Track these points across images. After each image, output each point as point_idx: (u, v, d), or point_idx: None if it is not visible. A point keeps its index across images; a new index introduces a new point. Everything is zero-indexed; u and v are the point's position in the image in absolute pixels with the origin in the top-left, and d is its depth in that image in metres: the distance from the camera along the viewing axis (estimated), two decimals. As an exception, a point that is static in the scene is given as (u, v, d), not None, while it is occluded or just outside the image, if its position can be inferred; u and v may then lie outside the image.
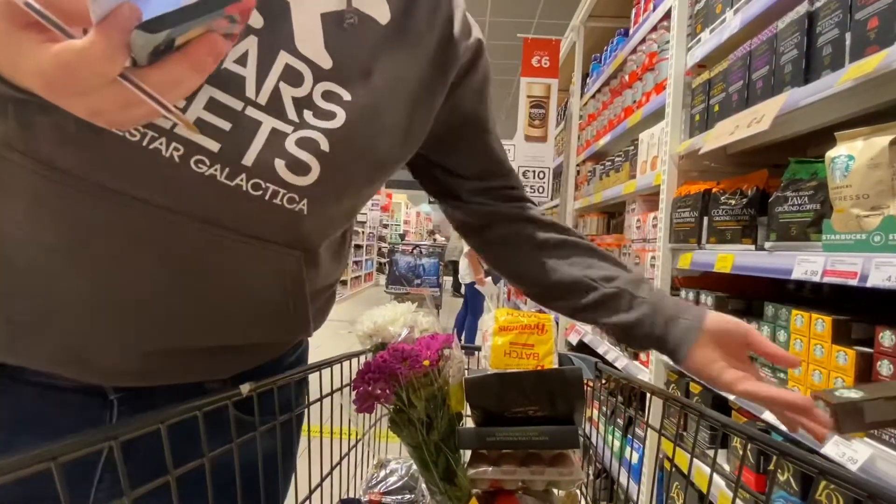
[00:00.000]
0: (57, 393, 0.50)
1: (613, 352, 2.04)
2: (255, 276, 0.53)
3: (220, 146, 0.46)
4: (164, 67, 0.30)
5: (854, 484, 0.31)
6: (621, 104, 2.29)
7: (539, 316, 0.86)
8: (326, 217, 0.56)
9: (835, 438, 0.86)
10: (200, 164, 0.46)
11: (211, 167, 0.46)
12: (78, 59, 0.27)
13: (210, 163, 0.46)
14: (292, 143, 0.49)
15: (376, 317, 0.77)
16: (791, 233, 1.05)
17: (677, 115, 1.58)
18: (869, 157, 0.85)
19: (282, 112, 0.49)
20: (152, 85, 0.30)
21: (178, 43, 0.30)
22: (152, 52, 0.30)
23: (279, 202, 0.49)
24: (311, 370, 0.60)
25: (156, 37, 0.28)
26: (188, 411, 0.42)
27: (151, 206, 0.45)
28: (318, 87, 0.49)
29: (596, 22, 2.92)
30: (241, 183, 0.47)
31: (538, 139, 3.26)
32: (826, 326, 0.93)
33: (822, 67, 1.01)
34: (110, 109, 0.32)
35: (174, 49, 0.30)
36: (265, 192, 0.48)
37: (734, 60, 1.31)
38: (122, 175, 0.44)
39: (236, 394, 0.44)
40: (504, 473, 0.69)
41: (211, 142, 0.46)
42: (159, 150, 0.44)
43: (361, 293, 10.97)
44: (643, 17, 2.06)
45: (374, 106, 0.52)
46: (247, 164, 0.47)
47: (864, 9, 0.89)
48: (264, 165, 0.48)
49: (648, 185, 1.77)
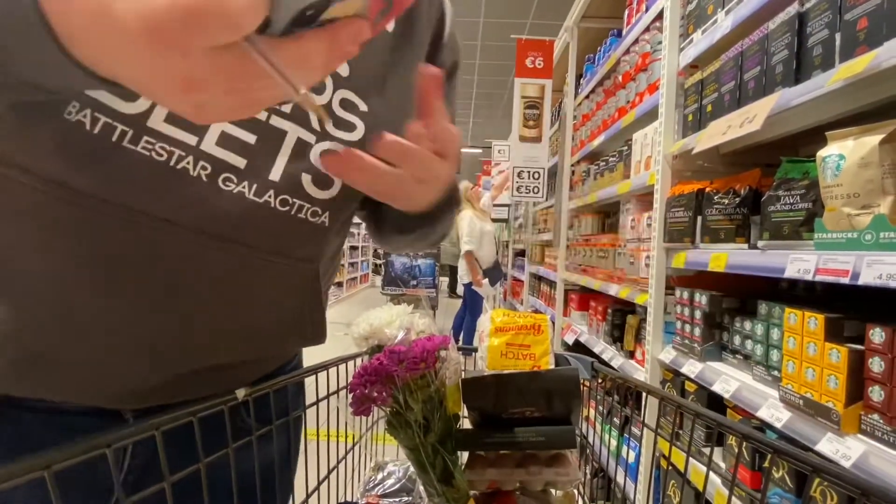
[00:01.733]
0: (63, 417, 0.47)
1: (609, 351, 2.04)
2: (277, 291, 0.52)
3: (245, 162, 0.45)
4: (302, 42, 0.25)
5: (848, 482, 0.31)
6: (615, 104, 2.30)
7: (535, 316, 0.86)
8: (341, 225, 0.56)
9: (828, 435, 0.87)
10: (228, 182, 0.44)
11: (239, 185, 0.45)
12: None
13: (238, 180, 0.45)
14: (316, 155, 0.48)
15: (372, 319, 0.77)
16: (783, 232, 1.06)
17: (670, 116, 1.59)
18: (859, 157, 0.86)
19: (305, 120, 0.48)
20: (282, 60, 0.25)
21: (324, 17, 0.25)
22: (295, 18, 0.24)
23: (304, 216, 0.49)
24: (307, 373, 0.60)
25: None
26: (183, 417, 0.42)
27: (179, 228, 0.43)
28: (337, 94, 0.49)
29: (589, 23, 2.93)
30: (269, 199, 0.46)
31: (533, 140, 3.27)
32: (819, 324, 0.94)
33: (813, 68, 1.02)
34: (213, 87, 0.25)
35: (316, 24, 0.25)
36: (292, 207, 0.48)
37: (726, 61, 1.32)
38: (148, 196, 0.42)
39: (232, 398, 0.44)
40: (502, 474, 0.69)
41: (237, 158, 0.44)
42: (187, 169, 0.43)
43: (357, 294, 10.95)
44: (636, 17, 2.07)
45: (390, 120, 0.51)
46: (274, 180, 0.46)
47: (854, 10, 0.90)
48: (292, 180, 0.47)
49: (642, 184, 1.78)
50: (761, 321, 1.15)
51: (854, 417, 0.86)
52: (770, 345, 1.12)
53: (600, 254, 2.29)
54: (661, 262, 1.57)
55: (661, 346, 1.59)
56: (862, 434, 0.85)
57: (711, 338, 1.35)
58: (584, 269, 2.53)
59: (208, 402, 0.45)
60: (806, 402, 0.94)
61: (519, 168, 3.27)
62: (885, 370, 0.81)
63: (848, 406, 0.86)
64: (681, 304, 1.47)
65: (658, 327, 1.59)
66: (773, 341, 1.11)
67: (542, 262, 3.79)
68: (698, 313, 1.38)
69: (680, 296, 1.47)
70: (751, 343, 1.20)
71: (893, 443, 0.78)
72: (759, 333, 1.15)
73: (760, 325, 1.15)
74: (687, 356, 1.41)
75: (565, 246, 2.99)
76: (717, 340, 1.35)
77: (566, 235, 3.00)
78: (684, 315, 1.45)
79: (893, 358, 0.80)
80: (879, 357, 0.82)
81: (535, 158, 3.28)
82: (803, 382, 0.96)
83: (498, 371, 0.72)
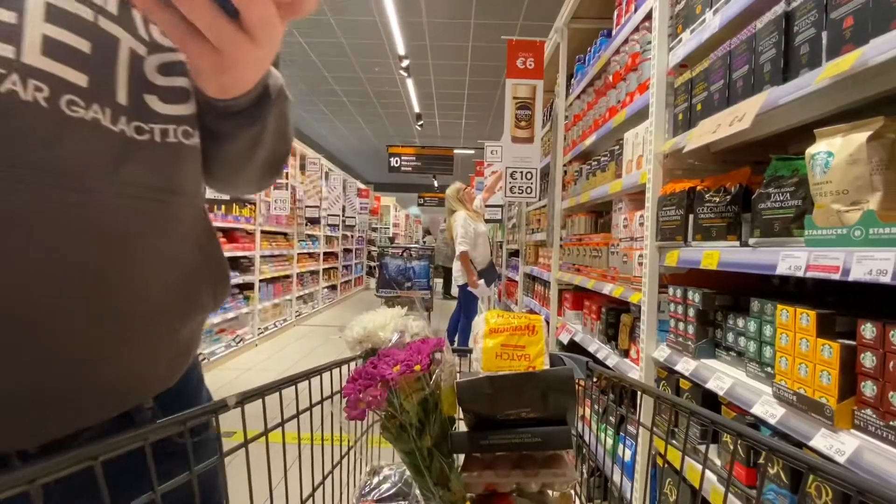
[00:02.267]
0: None
1: (604, 350, 2.05)
2: (173, 241, 0.44)
3: (87, 78, 0.36)
4: None
5: (844, 480, 0.31)
6: (606, 104, 2.31)
7: (530, 317, 0.86)
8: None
9: (822, 431, 0.88)
10: (74, 107, 0.35)
11: (88, 109, 0.36)
12: None
13: (85, 103, 0.35)
14: (154, 69, 0.40)
15: (366, 322, 0.76)
16: (774, 229, 1.06)
17: (661, 115, 1.60)
18: (848, 154, 0.87)
19: (132, 26, 0.39)
20: None
21: None
22: None
23: (174, 139, 0.41)
24: (300, 379, 0.59)
25: None
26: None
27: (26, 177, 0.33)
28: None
29: (579, 23, 2.94)
30: (124, 128, 0.38)
31: (525, 140, 3.28)
32: (811, 320, 0.95)
33: (801, 66, 1.02)
34: None
35: None
36: (153, 133, 0.40)
37: (715, 60, 1.33)
38: None
39: (222, 405, 0.43)
40: (498, 476, 0.69)
41: (75, 74, 0.35)
42: (14, 92, 0.33)
43: (351, 297, 10.92)
44: (625, 18, 2.08)
45: None
46: (122, 103, 0.38)
47: (839, 8, 0.91)
48: (139, 102, 0.39)
49: (634, 183, 1.78)
50: (754, 318, 1.16)
51: (847, 413, 0.86)
52: (763, 341, 1.13)
53: (593, 253, 2.30)
54: (654, 261, 1.58)
55: (656, 345, 1.59)
56: (855, 429, 0.85)
57: (705, 335, 1.36)
58: (578, 269, 2.54)
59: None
60: (799, 399, 0.95)
61: (511, 168, 3.28)
62: (877, 365, 0.82)
63: (841, 401, 0.87)
64: (674, 302, 1.47)
65: (652, 325, 1.60)
66: (766, 338, 1.12)
67: (535, 262, 3.80)
68: (691, 311, 1.38)
69: (673, 294, 1.48)
70: (744, 340, 1.20)
71: (887, 437, 0.79)
72: (752, 330, 1.16)
73: (753, 322, 1.16)
74: (681, 354, 1.41)
75: (559, 246, 3.00)
76: (710, 338, 1.36)
77: (559, 235, 3.01)
78: (678, 313, 1.45)
79: (885, 353, 0.81)
80: (871, 352, 0.83)
81: (528, 159, 3.28)
82: (796, 378, 0.97)
83: (493, 372, 0.71)
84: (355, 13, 6.47)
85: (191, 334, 0.53)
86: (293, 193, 6.70)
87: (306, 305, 7.80)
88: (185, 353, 0.53)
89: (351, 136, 13.81)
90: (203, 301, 0.52)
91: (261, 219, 5.78)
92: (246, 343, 5.40)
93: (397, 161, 10.13)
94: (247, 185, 0.65)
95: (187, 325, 0.50)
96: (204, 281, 0.51)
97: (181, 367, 0.53)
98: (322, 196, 7.87)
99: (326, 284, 8.99)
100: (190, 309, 0.50)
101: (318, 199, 7.42)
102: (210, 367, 4.58)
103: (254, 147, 0.53)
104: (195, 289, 0.50)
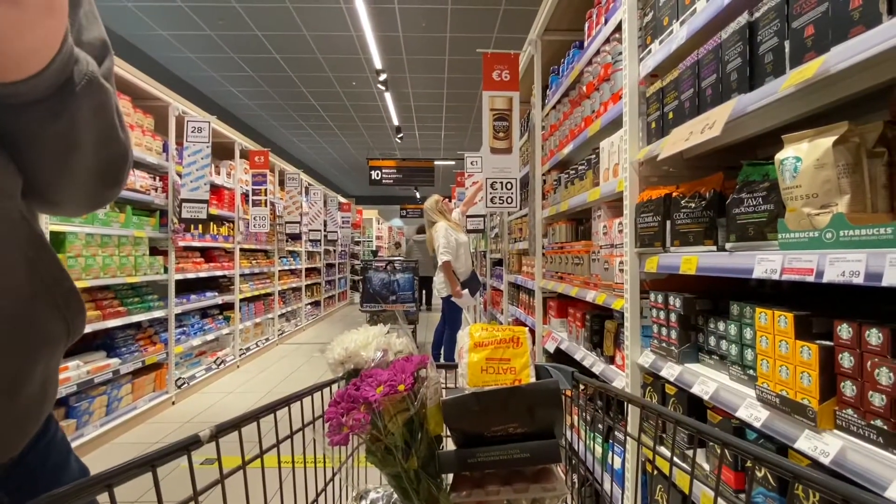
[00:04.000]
0: None
1: (590, 357, 2.05)
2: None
3: None
4: None
5: (829, 488, 0.31)
6: (581, 114, 2.35)
7: (514, 329, 0.85)
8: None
9: (806, 432, 0.89)
10: None
11: None
12: None
13: None
14: None
15: (347, 342, 0.75)
16: (749, 233, 1.08)
17: (634, 124, 1.63)
18: (815, 158, 0.89)
19: None
20: None
21: None
22: None
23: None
24: (279, 405, 0.57)
25: None
26: (139, 467, 0.36)
27: None
28: None
29: (552, 35, 3.00)
30: None
31: (503, 151, 3.31)
32: (789, 322, 0.96)
33: (766, 74, 1.05)
34: None
35: None
36: None
37: (683, 70, 1.37)
38: None
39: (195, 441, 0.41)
40: (488, 494, 0.67)
41: None
42: None
43: (335, 313, 10.78)
44: (596, 30, 2.13)
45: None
46: None
47: (800, 18, 0.94)
48: None
49: (612, 191, 1.81)
50: (734, 321, 1.17)
51: (829, 413, 0.88)
52: (744, 344, 1.15)
53: (575, 261, 2.32)
54: (635, 267, 1.60)
55: (640, 350, 1.60)
56: (838, 429, 0.86)
57: (688, 340, 1.37)
58: (561, 277, 2.55)
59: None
60: (782, 401, 0.96)
61: (492, 179, 3.30)
62: (855, 365, 0.83)
63: (823, 402, 0.88)
64: (656, 308, 1.49)
65: (635, 331, 1.61)
66: (747, 341, 1.13)
67: (519, 270, 3.81)
68: (673, 316, 1.40)
69: (655, 299, 1.49)
70: (725, 343, 1.22)
71: (869, 437, 0.80)
72: (733, 333, 1.18)
73: (733, 326, 1.17)
74: (665, 359, 1.42)
75: (541, 254, 3.01)
76: (693, 342, 1.37)
77: (541, 243, 3.03)
78: (660, 318, 1.47)
79: (862, 353, 0.82)
80: (848, 352, 0.84)
81: (507, 169, 3.31)
82: (778, 381, 0.98)
83: (478, 388, 0.70)
84: (330, 28, 6.49)
85: (41, 380, 0.41)
86: (272, 210, 6.62)
87: (289, 323, 7.67)
88: (35, 408, 0.41)
89: (331, 151, 13.77)
90: (49, 329, 0.41)
91: (240, 237, 5.68)
92: (227, 365, 5.27)
93: (378, 174, 10.13)
94: (75, 201, 0.52)
95: (29, 367, 0.39)
96: (42, 303, 0.41)
97: (27, 429, 0.40)
98: (303, 211, 7.79)
99: (309, 301, 8.86)
100: (28, 344, 0.39)
101: (298, 214, 7.35)
102: (189, 392, 4.45)
103: (68, 152, 0.44)
104: (31, 315, 0.39)
